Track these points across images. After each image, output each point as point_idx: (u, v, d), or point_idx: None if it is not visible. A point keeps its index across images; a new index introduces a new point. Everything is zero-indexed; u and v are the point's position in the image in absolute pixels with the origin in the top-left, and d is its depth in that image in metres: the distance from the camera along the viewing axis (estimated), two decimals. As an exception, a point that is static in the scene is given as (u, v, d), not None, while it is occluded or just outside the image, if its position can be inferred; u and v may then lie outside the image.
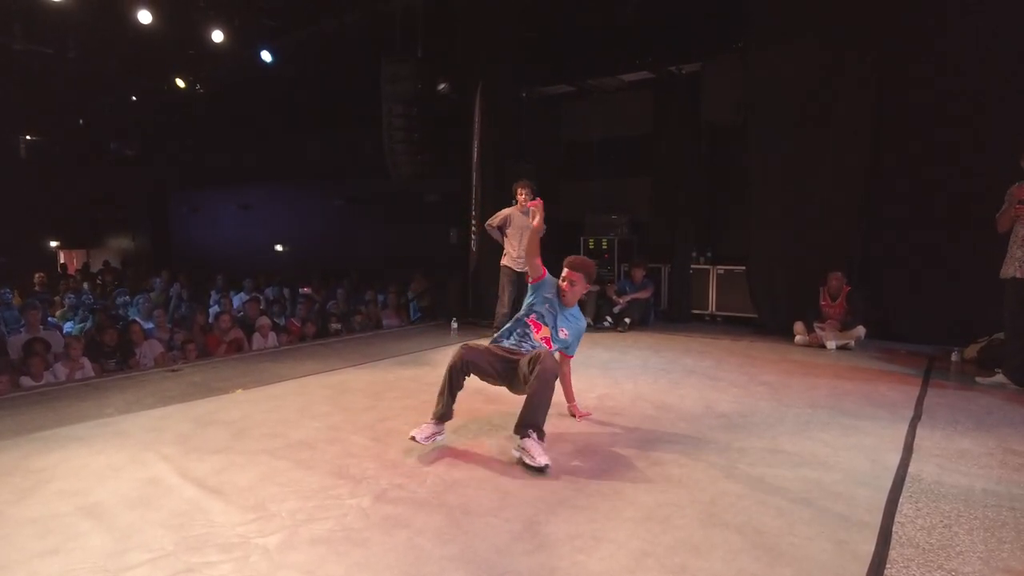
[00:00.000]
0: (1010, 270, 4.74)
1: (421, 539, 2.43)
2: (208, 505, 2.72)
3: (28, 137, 16.53)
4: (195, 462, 3.22)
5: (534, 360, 3.27)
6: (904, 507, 2.66)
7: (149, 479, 3.02)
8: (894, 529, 2.47)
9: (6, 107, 13.97)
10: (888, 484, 2.90)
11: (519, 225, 6.50)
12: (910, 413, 4.05)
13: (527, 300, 3.83)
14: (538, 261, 3.81)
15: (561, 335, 3.72)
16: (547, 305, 3.72)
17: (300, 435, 3.65)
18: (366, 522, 2.57)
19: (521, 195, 6.45)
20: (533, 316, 3.71)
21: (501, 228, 6.66)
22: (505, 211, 6.68)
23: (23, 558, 2.29)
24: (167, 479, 3.01)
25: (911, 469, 3.09)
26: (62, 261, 17.98)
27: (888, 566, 2.20)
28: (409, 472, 3.08)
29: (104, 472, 3.11)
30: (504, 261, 6.72)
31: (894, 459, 3.22)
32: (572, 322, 3.79)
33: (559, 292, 3.76)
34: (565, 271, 3.75)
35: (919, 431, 3.68)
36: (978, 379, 4.87)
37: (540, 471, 3.02)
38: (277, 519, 2.59)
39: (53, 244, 18.04)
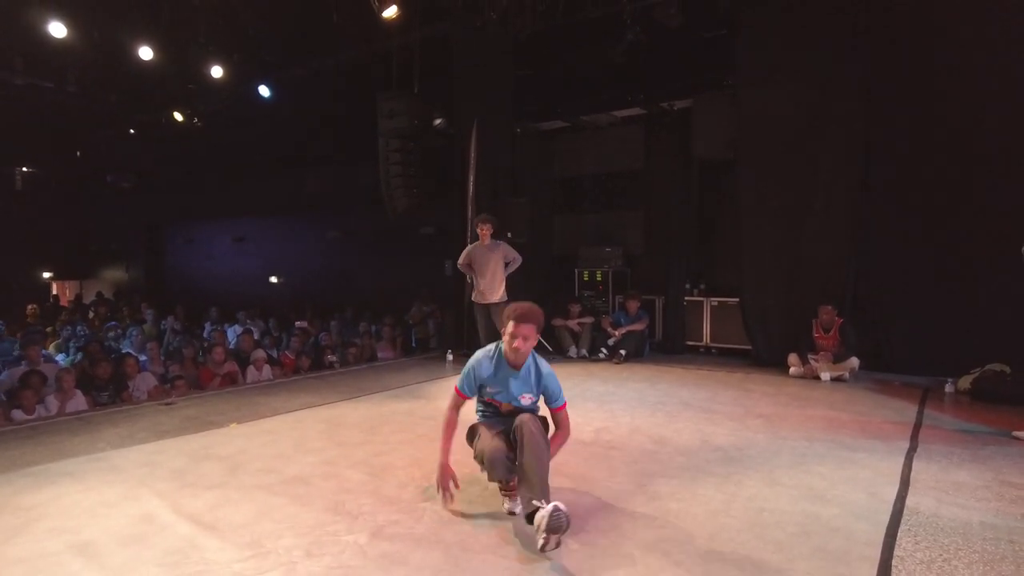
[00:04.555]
0: None
1: (419, 577, 2.40)
2: (203, 543, 2.68)
3: (24, 169, 16.62)
4: (189, 498, 3.19)
5: (517, 431, 2.95)
6: (903, 541, 2.66)
7: (142, 516, 2.98)
8: (893, 563, 2.46)
9: (4, 140, 14.08)
10: (886, 518, 2.90)
11: (480, 260, 6.74)
12: (906, 445, 4.06)
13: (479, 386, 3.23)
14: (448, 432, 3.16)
15: (524, 401, 3.16)
16: (499, 388, 3.17)
17: (295, 470, 3.62)
18: (363, 559, 2.54)
19: (482, 231, 6.70)
20: (488, 397, 3.24)
21: (470, 265, 6.80)
22: (467, 248, 6.93)
23: (14, 598, 2.26)
24: (161, 516, 2.97)
25: (909, 502, 3.09)
26: (54, 292, 17.89)
27: (889, 602, 2.19)
28: (406, 508, 3.06)
29: (96, 509, 3.07)
30: (472, 296, 6.92)
31: (891, 492, 3.22)
32: (528, 381, 3.15)
33: (500, 358, 3.14)
34: (512, 326, 3.03)
35: (915, 463, 3.69)
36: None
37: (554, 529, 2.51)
38: (273, 556, 2.56)
39: (46, 275, 17.97)
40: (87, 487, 3.37)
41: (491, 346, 3.23)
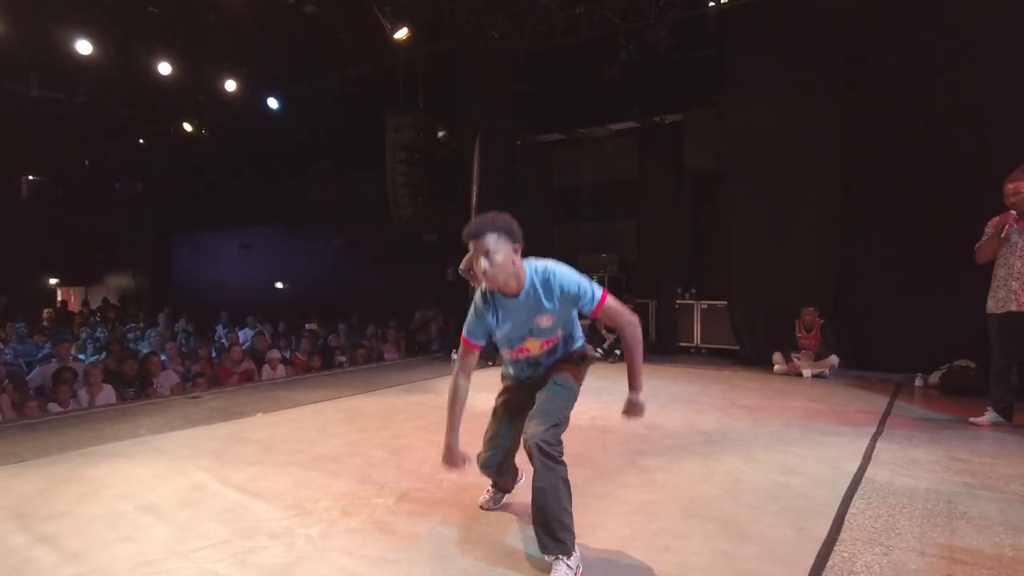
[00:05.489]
0: (997, 304, 4.59)
1: (443, 528, 2.82)
2: (252, 505, 3.09)
3: (31, 177, 17.01)
4: (232, 472, 3.60)
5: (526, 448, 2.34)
6: (857, 502, 3.08)
7: (194, 486, 3.38)
8: (846, 519, 2.88)
9: (14, 149, 14.47)
10: (846, 486, 3.32)
11: None
12: (873, 430, 4.48)
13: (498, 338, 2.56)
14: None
15: (545, 324, 2.46)
16: (507, 324, 2.46)
17: (323, 450, 4.03)
18: (392, 516, 2.96)
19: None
20: (508, 348, 2.59)
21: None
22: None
23: (102, 544, 2.66)
24: (210, 486, 3.38)
25: (867, 473, 3.52)
26: (60, 298, 18.24)
27: (838, 544, 2.61)
28: (426, 478, 3.47)
29: (152, 480, 3.47)
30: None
31: (853, 466, 3.64)
32: (537, 298, 2.43)
33: (492, 296, 2.48)
34: (470, 247, 2.40)
35: (879, 444, 4.11)
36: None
37: None
38: (315, 515, 2.97)
39: (52, 282, 18.33)
40: (138, 464, 3.78)
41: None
